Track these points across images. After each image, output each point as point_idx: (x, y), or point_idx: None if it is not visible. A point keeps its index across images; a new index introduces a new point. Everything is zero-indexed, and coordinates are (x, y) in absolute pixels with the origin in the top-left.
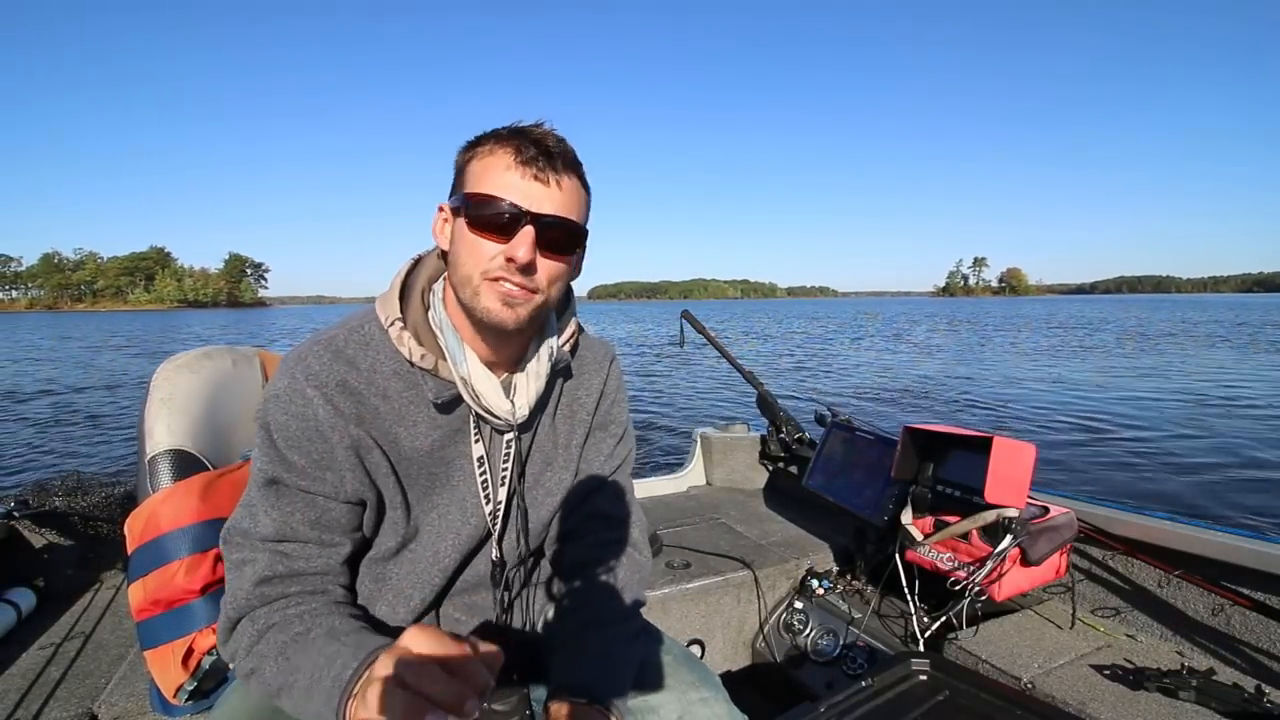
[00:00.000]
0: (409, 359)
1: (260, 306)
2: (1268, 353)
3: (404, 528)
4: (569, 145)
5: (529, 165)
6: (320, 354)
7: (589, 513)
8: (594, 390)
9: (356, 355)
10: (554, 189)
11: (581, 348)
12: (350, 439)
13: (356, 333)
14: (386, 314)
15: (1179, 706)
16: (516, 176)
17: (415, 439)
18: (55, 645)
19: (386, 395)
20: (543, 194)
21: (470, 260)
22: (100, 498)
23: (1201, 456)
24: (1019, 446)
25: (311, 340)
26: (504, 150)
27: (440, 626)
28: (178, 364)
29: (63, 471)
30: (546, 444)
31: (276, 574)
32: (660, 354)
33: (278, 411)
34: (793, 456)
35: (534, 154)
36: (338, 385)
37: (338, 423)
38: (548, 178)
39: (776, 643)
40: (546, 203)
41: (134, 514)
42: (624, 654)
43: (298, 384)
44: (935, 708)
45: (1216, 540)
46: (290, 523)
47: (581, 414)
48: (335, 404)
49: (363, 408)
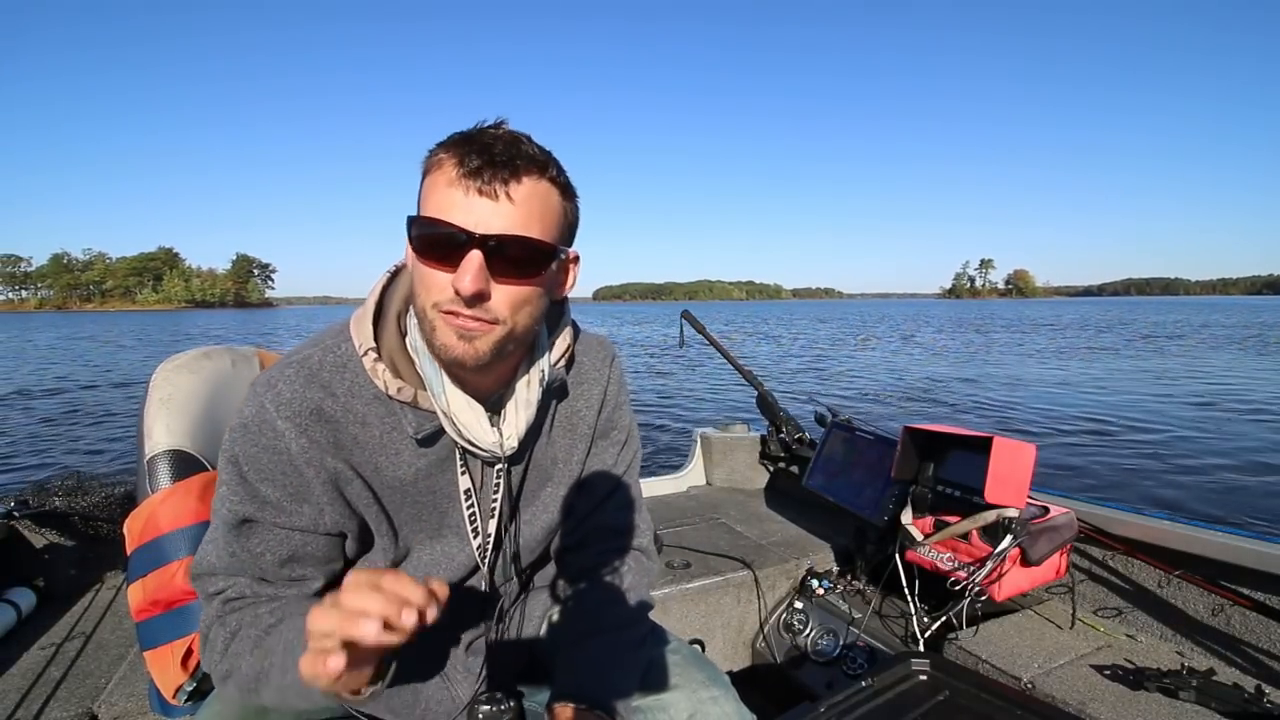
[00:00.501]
0: (385, 392)
1: (267, 307)
2: (1273, 355)
3: (393, 551)
4: (528, 146)
5: (473, 178)
6: (292, 379)
7: (595, 524)
8: (594, 401)
9: (332, 379)
10: (503, 203)
11: (579, 355)
12: (327, 471)
13: (332, 353)
14: (360, 341)
15: (1179, 706)
16: (460, 193)
17: (398, 468)
18: (55, 645)
19: (366, 422)
20: (490, 210)
21: (423, 292)
22: (100, 498)
23: (1202, 457)
24: (1019, 446)
25: (283, 362)
26: (448, 162)
27: (433, 643)
28: (177, 364)
29: (63, 471)
30: (544, 461)
31: (244, 596)
32: (663, 354)
33: (247, 443)
34: (793, 456)
35: (478, 164)
36: (312, 413)
37: (313, 455)
38: (495, 190)
39: (776, 643)
40: (495, 220)
41: (133, 514)
42: (628, 659)
43: (267, 413)
44: (935, 708)
45: (1216, 540)
46: (260, 564)
47: (582, 427)
48: (309, 434)
49: (340, 435)
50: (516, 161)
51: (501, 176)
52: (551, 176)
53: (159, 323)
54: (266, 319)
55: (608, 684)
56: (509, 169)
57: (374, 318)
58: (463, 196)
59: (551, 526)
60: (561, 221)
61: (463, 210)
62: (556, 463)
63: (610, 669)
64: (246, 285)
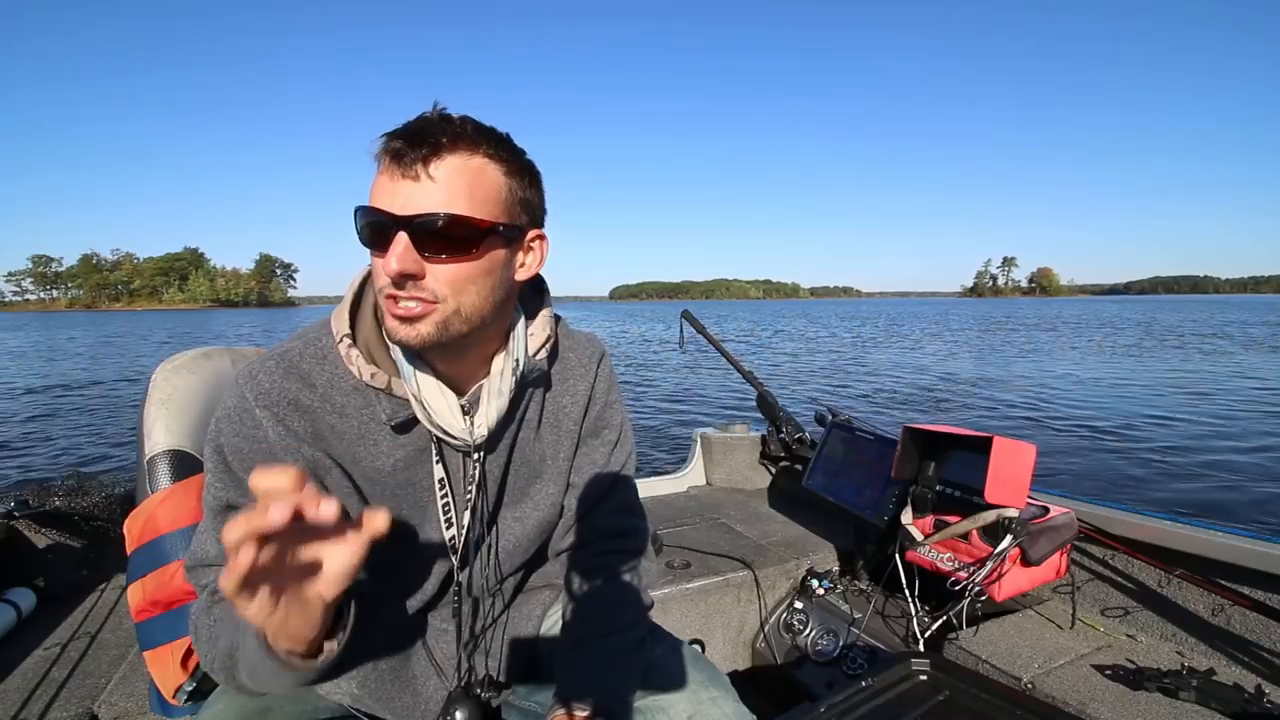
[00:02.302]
0: (359, 377)
1: (289, 306)
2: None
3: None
4: (458, 125)
5: (396, 162)
6: (272, 370)
7: (591, 525)
8: (579, 397)
9: (311, 370)
10: (425, 182)
11: (564, 350)
12: (305, 460)
13: (313, 346)
14: (337, 329)
15: (1179, 706)
16: (386, 179)
17: (377, 458)
18: (55, 646)
19: (344, 413)
20: (412, 191)
21: (376, 279)
22: (100, 498)
23: (1203, 457)
24: (1019, 446)
25: (265, 355)
26: (380, 152)
27: (412, 646)
28: (176, 364)
29: (63, 471)
30: (533, 457)
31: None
32: (672, 351)
33: (229, 433)
34: (793, 456)
35: (400, 146)
36: (289, 404)
37: (290, 443)
38: (416, 172)
39: (776, 643)
40: (419, 199)
41: (133, 515)
42: (626, 663)
43: (247, 403)
44: (935, 708)
45: (1216, 540)
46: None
47: (568, 424)
48: (287, 423)
49: (318, 426)
50: (441, 139)
51: (422, 156)
52: (488, 153)
53: (188, 321)
54: (289, 318)
55: (608, 687)
56: (430, 147)
57: (353, 309)
58: (389, 181)
59: (544, 524)
60: (502, 198)
61: (388, 195)
62: (545, 459)
63: (611, 672)
64: (270, 285)
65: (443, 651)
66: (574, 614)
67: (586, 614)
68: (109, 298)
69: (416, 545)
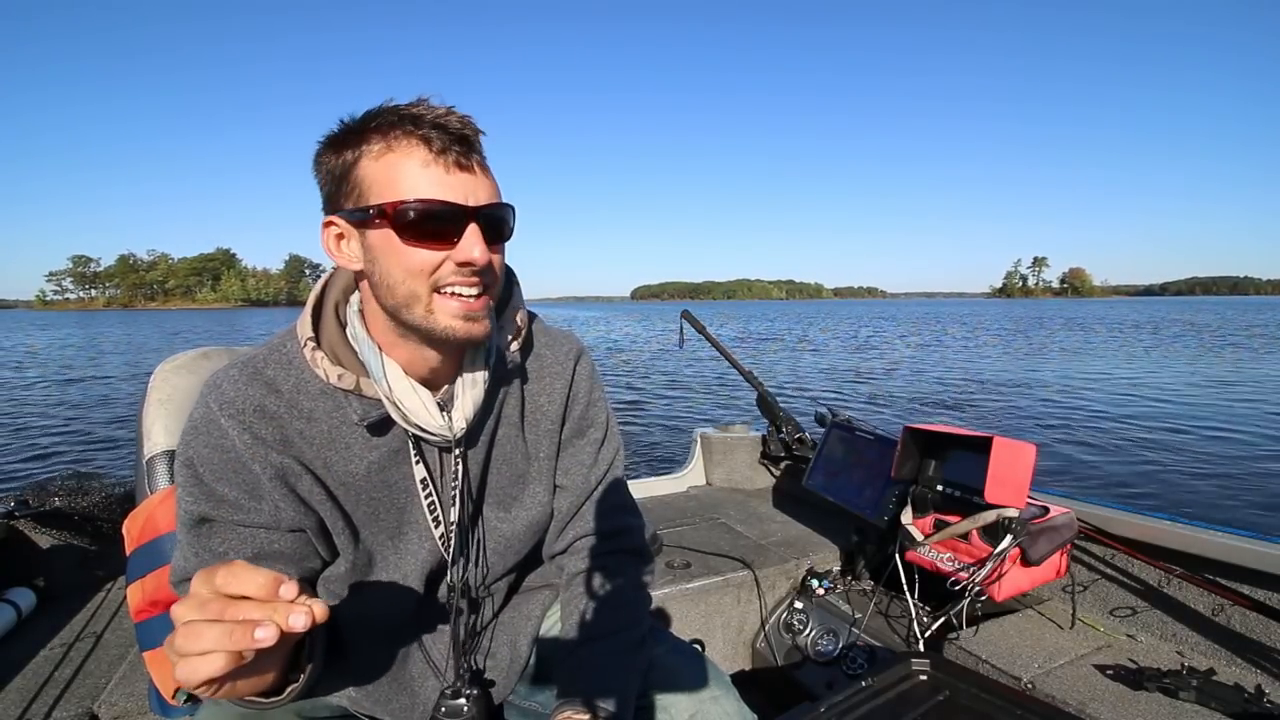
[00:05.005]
0: (326, 380)
1: None
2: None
3: (353, 552)
4: (469, 117)
5: (447, 154)
6: (235, 378)
7: (586, 525)
8: (556, 396)
9: (277, 376)
10: (480, 175)
11: (539, 347)
12: (274, 467)
13: (278, 352)
14: (301, 333)
15: (1179, 706)
16: (440, 171)
17: (349, 462)
18: (55, 646)
19: (312, 417)
20: (473, 183)
21: (411, 276)
22: (100, 498)
23: (1202, 456)
24: (1019, 446)
25: (230, 363)
26: (409, 144)
27: (408, 647)
28: (175, 364)
29: (63, 471)
30: (516, 456)
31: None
32: (682, 351)
33: (198, 444)
34: (793, 456)
35: (447, 141)
36: (255, 411)
37: (258, 450)
38: (471, 164)
39: (776, 643)
40: (480, 192)
41: (132, 515)
42: (628, 662)
43: (212, 413)
44: (935, 708)
45: (1216, 540)
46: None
47: (546, 423)
48: (253, 431)
49: (286, 431)
50: (466, 133)
51: (466, 150)
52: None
53: (225, 320)
54: None
55: (610, 686)
56: (469, 143)
57: (315, 313)
58: (444, 174)
59: (534, 525)
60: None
61: (449, 187)
62: (529, 458)
63: (611, 673)
64: (299, 285)
65: (439, 653)
66: (573, 614)
67: (586, 614)
68: (144, 297)
69: (402, 547)
